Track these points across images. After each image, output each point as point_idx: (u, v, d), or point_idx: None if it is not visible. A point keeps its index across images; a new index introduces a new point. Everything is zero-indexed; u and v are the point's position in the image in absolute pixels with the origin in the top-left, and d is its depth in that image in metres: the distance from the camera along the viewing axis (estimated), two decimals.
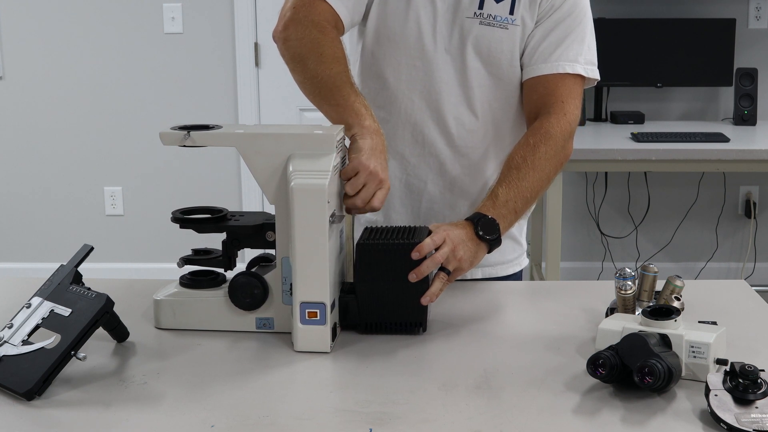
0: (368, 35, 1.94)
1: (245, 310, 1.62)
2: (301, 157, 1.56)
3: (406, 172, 1.98)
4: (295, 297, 1.55)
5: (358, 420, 1.33)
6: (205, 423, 1.32)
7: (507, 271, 2.05)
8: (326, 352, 1.56)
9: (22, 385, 1.39)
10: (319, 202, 1.52)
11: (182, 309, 1.65)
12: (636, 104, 4.55)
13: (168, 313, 1.65)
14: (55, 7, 4.63)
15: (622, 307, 1.60)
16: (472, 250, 1.69)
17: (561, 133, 1.87)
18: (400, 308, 1.61)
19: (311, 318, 1.55)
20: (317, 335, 1.55)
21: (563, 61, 1.89)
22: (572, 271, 4.65)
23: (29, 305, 1.52)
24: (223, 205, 1.74)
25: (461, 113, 1.93)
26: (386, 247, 1.59)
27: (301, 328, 1.55)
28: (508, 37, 1.88)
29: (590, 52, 1.94)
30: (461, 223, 1.74)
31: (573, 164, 3.79)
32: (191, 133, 1.59)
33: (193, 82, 4.68)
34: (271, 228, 1.63)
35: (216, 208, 1.70)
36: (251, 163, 1.58)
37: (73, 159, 4.76)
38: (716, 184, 4.65)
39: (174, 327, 1.65)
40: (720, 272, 4.74)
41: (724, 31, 4.38)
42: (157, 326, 1.66)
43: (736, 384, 1.31)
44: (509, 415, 1.34)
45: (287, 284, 1.60)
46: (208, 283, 1.67)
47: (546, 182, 1.85)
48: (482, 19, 1.87)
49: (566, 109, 1.89)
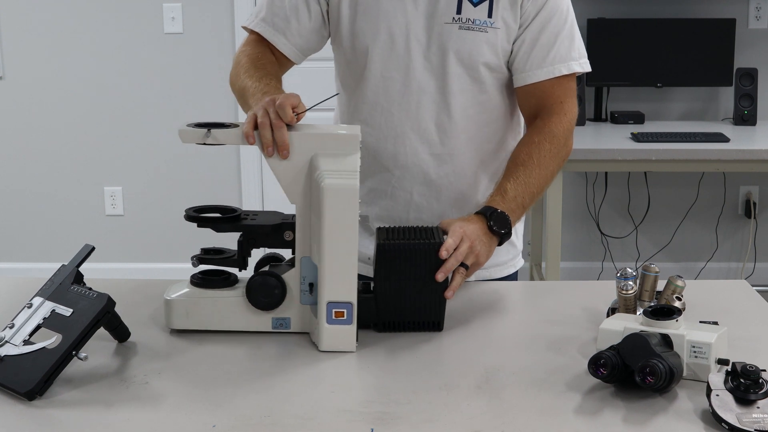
0: (343, 53, 1.95)
1: (263, 310, 1.61)
2: (326, 156, 1.56)
3: (391, 185, 1.96)
4: (321, 297, 1.55)
5: (360, 420, 1.33)
6: (206, 423, 1.32)
7: (501, 273, 2.04)
8: (351, 351, 1.56)
9: (23, 385, 1.39)
10: (350, 202, 1.52)
11: (196, 309, 1.62)
12: (636, 104, 4.55)
13: (181, 313, 1.62)
14: (55, 7, 4.63)
15: (624, 307, 1.60)
16: (487, 245, 1.73)
17: (563, 132, 1.90)
18: (419, 307, 1.63)
19: (338, 318, 1.55)
20: (343, 335, 1.56)
21: (558, 64, 1.90)
22: (572, 271, 4.65)
23: (30, 305, 1.52)
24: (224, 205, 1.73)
25: (442, 120, 1.92)
26: (408, 247, 1.61)
27: (328, 328, 1.55)
28: (488, 40, 1.87)
29: (580, 45, 1.95)
30: (473, 217, 1.75)
31: (573, 164, 3.79)
32: (212, 130, 1.57)
33: (193, 82, 4.67)
34: (290, 227, 1.62)
35: (228, 207, 1.68)
36: (273, 162, 1.58)
37: (73, 159, 4.76)
38: (716, 184, 4.65)
39: (187, 327, 1.63)
40: (720, 272, 4.73)
41: (724, 31, 4.37)
42: (169, 326, 1.64)
43: (738, 384, 1.31)
44: (510, 415, 1.34)
45: (306, 284, 1.60)
46: (221, 282, 1.64)
47: (550, 179, 1.89)
48: (461, 23, 1.86)
49: (565, 109, 1.92)
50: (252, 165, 4.68)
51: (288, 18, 1.94)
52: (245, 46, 1.98)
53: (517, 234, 2.07)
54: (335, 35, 1.96)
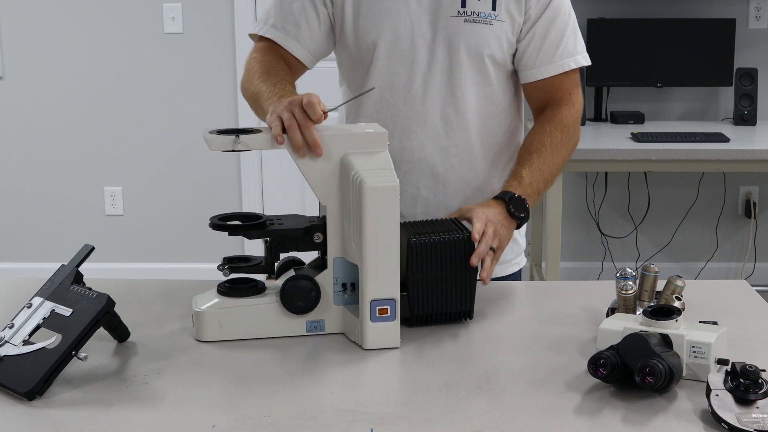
0: (347, 53, 1.98)
1: (298, 314, 1.60)
2: (358, 155, 1.57)
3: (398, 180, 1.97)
4: (363, 295, 1.56)
5: (360, 420, 1.33)
6: (206, 423, 1.32)
7: (505, 272, 2.05)
8: (395, 348, 1.57)
9: (23, 385, 1.39)
10: (392, 200, 1.54)
11: (230, 319, 1.59)
12: (636, 104, 4.55)
13: (213, 325, 1.59)
14: (55, 8, 4.63)
15: (623, 307, 1.60)
16: (508, 228, 1.77)
17: (572, 122, 1.96)
18: (450, 298, 1.66)
19: (382, 315, 1.57)
20: (387, 332, 1.58)
21: (566, 58, 1.96)
22: (572, 271, 4.65)
23: (30, 305, 1.52)
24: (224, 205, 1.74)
25: (449, 113, 1.94)
26: (438, 242, 1.63)
27: (372, 326, 1.57)
28: (494, 33, 1.90)
29: (581, 40, 2.01)
30: (492, 202, 1.80)
31: (573, 164, 3.78)
32: (240, 136, 1.55)
33: (193, 82, 4.67)
34: (318, 229, 1.62)
35: (251, 214, 1.66)
36: (304, 164, 1.57)
37: (73, 159, 4.76)
38: (716, 184, 4.65)
39: (219, 339, 1.59)
40: (720, 272, 4.73)
41: (724, 31, 4.37)
42: (199, 339, 1.60)
43: (737, 384, 1.31)
44: (510, 415, 1.34)
45: (338, 284, 1.61)
46: (250, 290, 1.62)
47: (561, 166, 1.95)
48: (466, 16, 1.89)
49: (573, 100, 1.99)
50: (252, 165, 4.68)
51: (298, 23, 1.96)
52: (255, 53, 1.98)
53: (520, 232, 2.08)
54: (339, 35, 1.97)
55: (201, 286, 1.90)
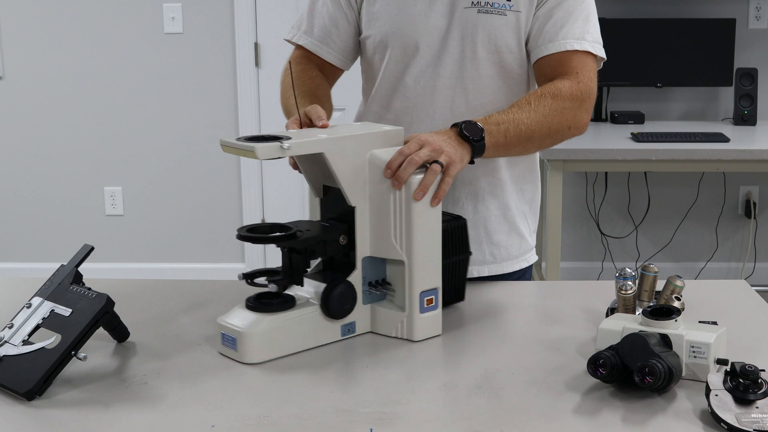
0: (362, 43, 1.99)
1: (339, 319, 1.60)
2: (386, 154, 1.59)
3: None
4: (412, 289, 1.59)
5: (359, 420, 1.33)
6: (205, 423, 1.32)
7: (514, 267, 2.03)
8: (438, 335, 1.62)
9: (22, 385, 1.39)
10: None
11: (280, 337, 1.55)
12: (636, 104, 4.55)
13: (265, 346, 1.53)
14: (55, 7, 4.63)
15: (623, 307, 1.60)
16: (456, 147, 1.66)
17: (570, 94, 1.84)
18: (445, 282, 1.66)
19: (429, 305, 1.61)
20: (432, 321, 1.63)
21: (570, 39, 1.88)
22: (572, 271, 4.65)
23: (30, 305, 1.52)
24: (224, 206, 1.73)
25: (459, 105, 1.93)
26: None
27: (421, 317, 1.60)
28: (508, 23, 1.89)
29: (596, 31, 1.93)
30: (443, 129, 1.73)
31: (573, 164, 3.78)
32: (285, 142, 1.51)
33: (193, 82, 4.67)
34: (344, 232, 1.62)
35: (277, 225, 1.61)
36: (337, 166, 1.57)
37: (73, 159, 4.76)
38: (716, 184, 4.65)
39: (270, 358, 1.53)
40: (720, 272, 4.73)
41: (724, 31, 4.38)
42: (247, 361, 1.52)
43: (737, 384, 1.31)
44: (509, 415, 1.34)
45: (365, 284, 1.62)
46: (285, 304, 1.57)
47: (545, 130, 1.82)
48: (480, 7, 1.88)
49: (580, 78, 1.87)
50: (252, 164, 4.68)
51: (327, 27, 1.98)
52: (290, 62, 1.99)
53: (529, 229, 2.06)
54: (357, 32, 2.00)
55: (201, 286, 1.91)
